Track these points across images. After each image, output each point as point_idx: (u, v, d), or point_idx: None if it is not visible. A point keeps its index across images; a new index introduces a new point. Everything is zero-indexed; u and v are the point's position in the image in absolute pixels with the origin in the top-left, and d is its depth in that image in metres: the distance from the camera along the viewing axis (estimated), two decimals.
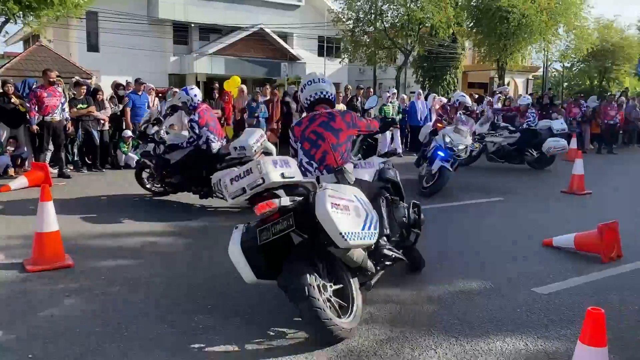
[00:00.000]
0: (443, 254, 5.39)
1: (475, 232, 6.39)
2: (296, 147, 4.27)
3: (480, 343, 3.46)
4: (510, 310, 4.00)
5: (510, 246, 5.77)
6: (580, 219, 7.08)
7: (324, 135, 4.08)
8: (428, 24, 27.63)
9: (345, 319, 3.42)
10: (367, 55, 29.39)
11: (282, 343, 3.42)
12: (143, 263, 4.99)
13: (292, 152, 4.45)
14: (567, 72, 40.79)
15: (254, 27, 29.86)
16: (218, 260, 4.76)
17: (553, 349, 3.41)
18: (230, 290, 4.24)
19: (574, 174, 9.14)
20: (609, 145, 16.33)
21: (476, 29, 26.99)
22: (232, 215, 6.93)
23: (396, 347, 3.38)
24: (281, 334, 3.53)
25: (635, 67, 29.15)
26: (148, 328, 3.58)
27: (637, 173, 12.15)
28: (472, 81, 37.19)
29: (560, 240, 5.63)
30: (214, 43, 30.02)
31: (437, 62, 31.24)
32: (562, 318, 3.87)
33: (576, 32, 26.37)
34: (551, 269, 5.00)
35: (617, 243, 5.35)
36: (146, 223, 6.52)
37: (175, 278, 4.58)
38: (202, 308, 3.92)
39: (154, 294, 4.18)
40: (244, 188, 3.28)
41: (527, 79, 39.31)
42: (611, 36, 32.40)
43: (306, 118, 4.26)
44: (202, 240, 5.88)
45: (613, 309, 4.05)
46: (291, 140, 4.39)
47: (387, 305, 4.04)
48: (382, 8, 27.34)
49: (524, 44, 26.01)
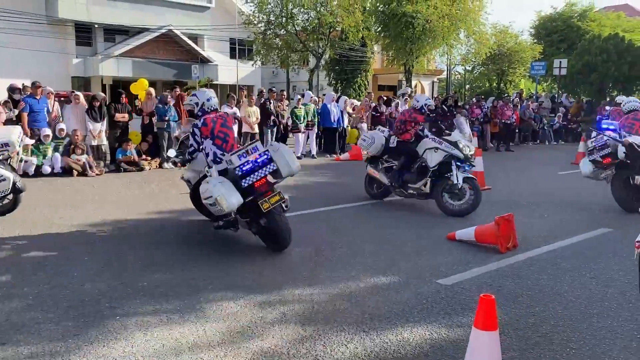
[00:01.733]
0: (354, 252, 5.55)
1: (384, 229, 6.63)
2: (200, 141, 5.66)
3: (389, 335, 3.62)
4: (416, 302, 4.20)
5: (417, 241, 6.05)
6: (481, 212, 7.54)
7: (229, 133, 5.71)
8: (338, 28, 28.24)
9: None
10: (279, 58, 29.51)
11: (198, 342, 3.39)
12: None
13: (195, 146, 5.77)
14: (469, 75, 43.15)
15: (162, 28, 29.01)
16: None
17: (455, 336, 3.63)
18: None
19: (474, 171, 9.71)
20: (506, 143, 17.49)
21: (384, 33, 27.88)
22: None
23: (309, 346, 3.45)
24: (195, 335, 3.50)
25: (529, 70, 31.34)
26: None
27: (531, 169, 13.10)
28: (381, 84, 38.43)
29: (462, 234, 5.98)
30: (120, 44, 28.83)
31: (348, 65, 32.00)
32: (464, 307, 4.12)
33: (475, 37, 27.93)
34: (454, 260, 5.30)
35: (513, 234, 5.78)
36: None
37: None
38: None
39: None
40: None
41: (432, 81, 41.21)
42: (507, 41, 34.66)
43: (209, 119, 5.63)
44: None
45: (508, 295, 4.38)
46: (196, 137, 5.68)
47: (299, 305, 4.12)
48: (293, 11, 27.57)
49: (428, 48, 27.21)
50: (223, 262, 5.16)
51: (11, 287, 4.42)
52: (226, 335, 3.57)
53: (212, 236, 6.11)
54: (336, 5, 26.72)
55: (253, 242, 5.85)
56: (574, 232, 6.55)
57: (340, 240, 5.99)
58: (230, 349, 3.39)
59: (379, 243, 5.95)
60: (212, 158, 5.57)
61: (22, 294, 4.27)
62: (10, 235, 6.08)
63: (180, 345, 3.43)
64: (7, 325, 3.68)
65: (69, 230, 6.39)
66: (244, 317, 3.87)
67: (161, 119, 11.88)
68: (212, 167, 5.52)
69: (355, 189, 9.34)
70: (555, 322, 3.87)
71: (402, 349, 3.43)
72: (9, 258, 5.22)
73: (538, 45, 34.43)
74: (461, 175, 7.35)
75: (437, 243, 5.96)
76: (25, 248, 5.58)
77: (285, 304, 4.10)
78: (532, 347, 3.49)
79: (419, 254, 5.55)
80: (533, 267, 5.16)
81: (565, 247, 5.87)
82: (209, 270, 4.90)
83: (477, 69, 38.91)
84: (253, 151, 5.34)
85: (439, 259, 5.38)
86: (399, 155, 8.05)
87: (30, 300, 4.15)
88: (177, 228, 6.52)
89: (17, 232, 6.19)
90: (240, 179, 5.21)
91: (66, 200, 8.08)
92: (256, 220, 5.41)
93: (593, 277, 4.88)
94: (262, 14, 27.98)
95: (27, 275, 4.73)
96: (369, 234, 6.35)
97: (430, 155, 7.57)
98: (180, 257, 5.32)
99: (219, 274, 4.81)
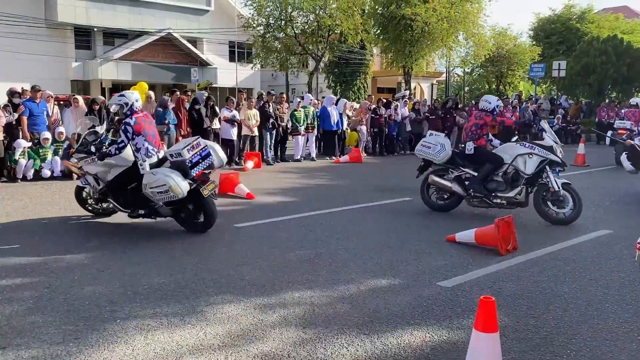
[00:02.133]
0: (354, 254, 5.55)
1: (383, 231, 6.63)
2: (131, 137, 6.17)
3: (390, 338, 3.62)
4: (417, 305, 4.20)
5: (416, 243, 6.05)
6: (480, 214, 7.55)
7: (155, 131, 6.55)
8: (337, 31, 28.27)
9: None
10: (278, 60, 29.55)
11: (199, 344, 3.39)
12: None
13: (125, 142, 6.17)
14: (468, 77, 43.15)
15: (161, 31, 29.04)
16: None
17: (456, 338, 3.63)
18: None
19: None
20: None
21: (383, 36, 27.90)
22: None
23: (309, 349, 3.45)
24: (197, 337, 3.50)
25: (528, 72, 31.37)
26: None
27: None
28: (381, 86, 38.45)
29: (462, 236, 5.98)
30: (120, 48, 28.87)
31: (347, 67, 32.04)
32: (464, 309, 4.12)
33: (474, 39, 27.95)
34: (454, 263, 5.31)
35: (513, 236, 5.78)
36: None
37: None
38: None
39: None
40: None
41: (431, 83, 41.24)
42: (506, 43, 34.66)
43: (140, 118, 6.26)
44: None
45: (509, 297, 4.38)
46: (128, 134, 6.13)
47: (299, 308, 4.12)
48: (292, 14, 27.62)
49: (427, 50, 27.22)
50: (223, 265, 5.16)
51: (11, 291, 4.42)
52: (226, 339, 3.57)
53: (212, 240, 6.12)
54: (335, 8, 26.77)
55: (253, 245, 5.86)
56: (574, 233, 6.55)
57: (340, 243, 5.99)
58: (231, 352, 3.39)
59: (379, 246, 5.95)
60: (145, 153, 6.26)
61: (22, 298, 4.27)
62: (9, 238, 6.08)
63: (181, 348, 3.43)
64: (7, 329, 3.68)
65: (69, 233, 6.38)
66: (244, 320, 3.87)
67: (161, 123, 11.87)
68: (146, 160, 6.22)
69: (355, 192, 9.37)
70: (556, 324, 3.88)
71: (402, 352, 3.43)
72: (9, 262, 5.22)
73: (537, 47, 34.46)
74: (559, 181, 7.01)
75: (437, 245, 5.96)
76: (25, 252, 5.58)
77: (285, 307, 4.10)
78: (532, 349, 3.49)
79: (419, 256, 5.55)
80: (533, 269, 5.16)
81: (565, 249, 5.88)
82: (209, 274, 4.90)
83: (476, 71, 38.91)
84: (197, 146, 6.20)
85: (439, 261, 5.38)
86: (478, 162, 7.47)
87: (31, 304, 4.15)
88: (177, 231, 6.52)
89: (16, 236, 6.19)
90: (190, 169, 6.05)
91: (66, 204, 8.08)
92: (187, 205, 6.32)
93: (593, 279, 4.88)
94: (261, 17, 28.04)
95: (27, 279, 4.73)
96: (369, 237, 6.35)
97: (524, 161, 7.14)
98: (181, 260, 5.32)
99: (219, 277, 4.81)
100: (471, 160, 7.55)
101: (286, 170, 12.60)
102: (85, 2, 27.03)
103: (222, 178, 9.08)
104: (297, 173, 11.98)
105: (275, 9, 27.51)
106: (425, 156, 7.77)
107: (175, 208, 6.37)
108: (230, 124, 12.87)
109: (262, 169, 12.68)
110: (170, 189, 5.84)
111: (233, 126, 12.94)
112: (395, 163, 14.40)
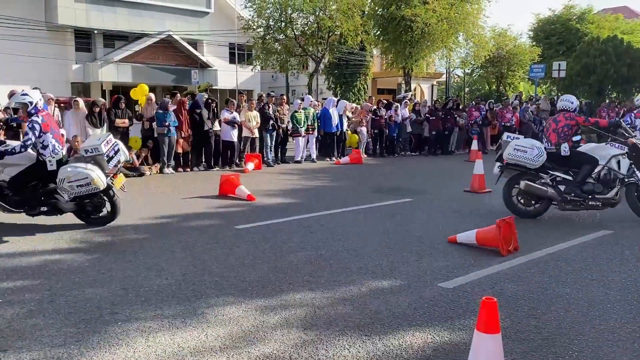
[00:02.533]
0: (355, 255, 5.55)
1: (384, 232, 6.63)
2: (38, 135, 6.25)
3: (392, 339, 3.61)
4: (418, 306, 4.20)
5: (418, 244, 6.04)
6: (481, 215, 7.55)
7: (58, 129, 6.85)
8: (337, 32, 28.31)
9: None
10: (279, 62, 29.58)
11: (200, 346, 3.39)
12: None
13: (32, 140, 6.20)
14: (468, 78, 43.22)
15: (161, 33, 29.07)
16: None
17: (457, 339, 3.62)
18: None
19: (475, 174, 9.74)
20: None
21: (383, 37, 27.95)
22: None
23: (311, 350, 3.45)
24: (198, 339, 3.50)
25: (528, 73, 31.39)
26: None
27: None
28: (381, 87, 38.48)
29: (463, 237, 5.97)
30: (120, 50, 28.91)
31: (347, 69, 32.06)
32: (466, 310, 4.12)
33: (474, 40, 28.00)
34: (455, 264, 5.30)
35: (514, 237, 5.77)
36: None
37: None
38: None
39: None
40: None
41: (432, 84, 41.28)
42: (505, 44, 34.74)
43: (45, 117, 6.41)
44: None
45: (510, 298, 4.38)
46: (36, 131, 6.22)
47: (301, 309, 4.11)
48: (292, 16, 27.65)
49: (427, 51, 27.27)
50: (224, 267, 5.16)
51: (12, 294, 4.41)
52: (228, 340, 3.57)
53: (212, 241, 6.11)
54: (335, 10, 26.81)
55: (254, 247, 5.86)
56: (575, 234, 6.55)
57: (341, 244, 5.99)
58: (232, 353, 3.38)
59: (380, 247, 5.94)
60: (52, 149, 6.44)
61: (23, 301, 4.27)
62: (9, 241, 6.08)
63: (182, 350, 3.43)
64: (8, 332, 3.68)
65: (69, 236, 6.38)
66: (246, 322, 3.87)
67: (161, 125, 11.87)
68: (54, 157, 6.40)
69: (356, 193, 9.37)
70: (557, 325, 3.87)
71: (404, 353, 3.43)
72: (9, 264, 5.22)
73: (537, 47, 34.50)
74: None
75: (439, 246, 5.96)
76: (26, 254, 5.58)
77: (286, 309, 4.10)
78: (534, 349, 3.48)
79: (420, 257, 5.54)
80: (534, 269, 5.15)
81: (566, 250, 5.87)
82: (210, 275, 4.89)
83: (477, 72, 38.96)
84: (110, 141, 6.64)
85: (441, 262, 5.37)
86: (570, 164, 7.29)
87: (32, 306, 4.15)
88: (177, 233, 6.52)
89: (17, 239, 6.19)
90: (107, 162, 6.50)
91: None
92: (94, 199, 6.61)
93: (594, 279, 4.88)
94: (261, 19, 28.07)
95: (28, 282, 4.72)
96: (370, 238, 6.34)
97: (617, 161, 7.19)
98: (181, 262, 5.32)
99: (220, 278, 4.81)
100: (564, 163, 7.30)
101: (287, 171, 12.61)
102: (85, 4, 27.09)
103: (222, 180, 9.09)
104: (297, 174, 11.99)
105: (275, 10, 27.55)
106: (519, 161, 7.27)
107: (79, 203, 6.59)
108: (231, 126, 12.87)
109: (262, 171, 12.69)
110: (92, 182, 6.20)
111: (233, 128, 12.94)
112: (396, 164, 14.41)
